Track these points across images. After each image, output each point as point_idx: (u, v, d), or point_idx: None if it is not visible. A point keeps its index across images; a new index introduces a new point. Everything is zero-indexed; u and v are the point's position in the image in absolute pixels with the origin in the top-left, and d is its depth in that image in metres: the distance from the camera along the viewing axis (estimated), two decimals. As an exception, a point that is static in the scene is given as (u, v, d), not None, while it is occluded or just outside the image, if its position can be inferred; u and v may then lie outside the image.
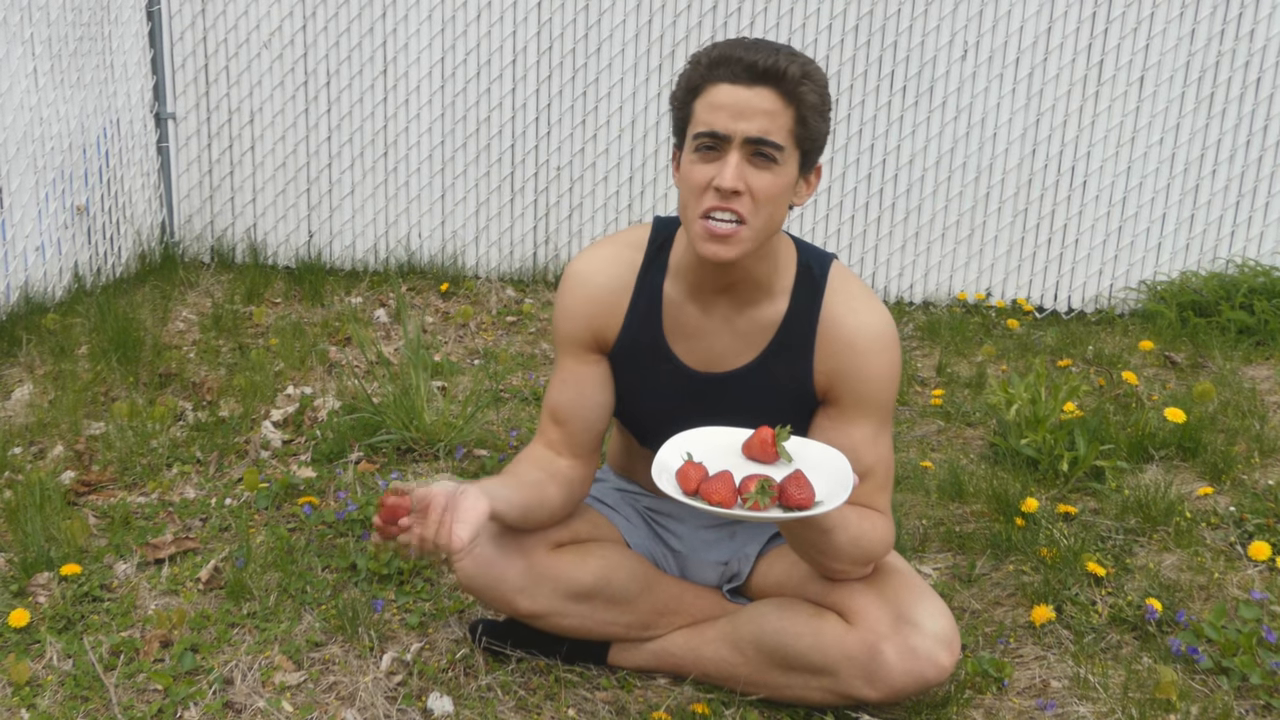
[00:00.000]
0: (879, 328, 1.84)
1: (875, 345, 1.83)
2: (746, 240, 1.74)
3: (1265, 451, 3.00)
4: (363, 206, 4.76)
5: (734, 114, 1.69)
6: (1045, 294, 4.66)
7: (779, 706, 1.94)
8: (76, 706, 1.91)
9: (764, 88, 1.69)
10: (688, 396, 1.91)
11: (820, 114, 1.74)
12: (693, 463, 1.65)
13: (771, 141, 1.69)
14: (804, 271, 1.86)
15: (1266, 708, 1.96)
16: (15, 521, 2.44)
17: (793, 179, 1.75)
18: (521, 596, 1.92)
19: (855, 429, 1.83)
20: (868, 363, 1.82)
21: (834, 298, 1.85)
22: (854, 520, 1.77)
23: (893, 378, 1.85)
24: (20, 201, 3.83)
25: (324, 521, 2.55)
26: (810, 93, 1.71)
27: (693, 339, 1.89)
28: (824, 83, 1.74)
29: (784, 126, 1.70)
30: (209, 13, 4.57)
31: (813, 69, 1.72)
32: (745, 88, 1.69)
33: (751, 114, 1.69)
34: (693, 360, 1.90)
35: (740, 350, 1.88)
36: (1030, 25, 4.41)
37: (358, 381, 3.20)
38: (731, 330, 1.87)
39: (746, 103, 1.69)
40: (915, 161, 4.58)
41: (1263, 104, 4.40)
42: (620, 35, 4.54)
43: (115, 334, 3.52)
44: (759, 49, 1.70)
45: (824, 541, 1.76)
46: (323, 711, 1.91)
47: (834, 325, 1.84)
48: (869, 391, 1.83)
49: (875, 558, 1.85)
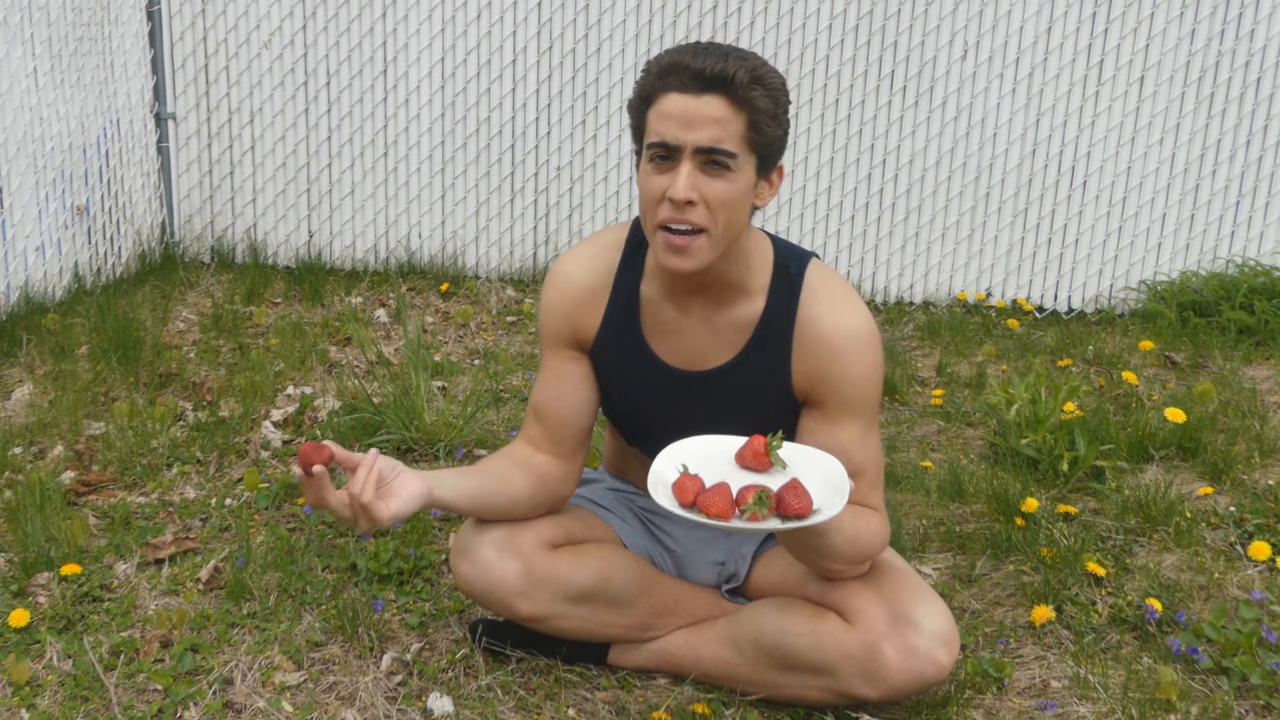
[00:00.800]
0: (856, 327, 1.83)
1: (853, 344, 1.82)
2: (705, 249, 1.74)
3: (1265, 451, 3.00)
4: (363, 206, 4.76)
5: (683, 124, 1.68)
6: (1045, 294, 4.66)
7: (779, 706, 1.94)
8: (76, 706, 1.91)
9: (713, 95, 1.68)
10: (669, 394, 1.92)
11: (773, 118, 1.72)
12: (688, 475, 1.64)
13: (723, 150, 1.68)
14: (780, 271, 1.86)
15: (1266, 708, 1.96)
16: (15, 521, 2.44)
17: (749, 183, 1.74)
18: (521, 600, 1.92)
19: (842, 430, 1.83)
20: (848, 363, 1.82)
21: (811, 297, 1.84)
22: (849, 521, 1.77)
23: (874, 376, 1.84)
24: (20, 201, 3.83)
25: (324, 521, 2.55)
26: (761, 98, 1.69)
27: (671, 337, 1.90)
28: (777, 85, 1.72)
29: (735, 133, 1.69)
30: (209, 13, 4.57)
31: (764, 71, 1.70)
32: (694, 96, 1.68)
33: (701, 123, 1.68)
34: (672, 358, 1.91)
35: (719, 349, 1.88)
36: (1030, 25, 4.41)
37: (358, 381, 3.20)
38: (709, 329, 1.88)
39: (696, 112, 1.68)
40: (915, 161, 4.58)
41: (1263, 104, 4.40)
42: (620, 35, 4.54)
43: (115, 334, 3.52)
44: (708, 54, 1.68)
45: (820, 544, 1.76)
46: (323, 711, 1.91)
47: (811, 325, 1.83)
48: (852, 393, 1.83)
49: (872, 555, 1.85)
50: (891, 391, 3.52)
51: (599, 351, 1.95)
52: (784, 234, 4.66)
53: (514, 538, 1.93)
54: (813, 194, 4.64)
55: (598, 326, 1.93)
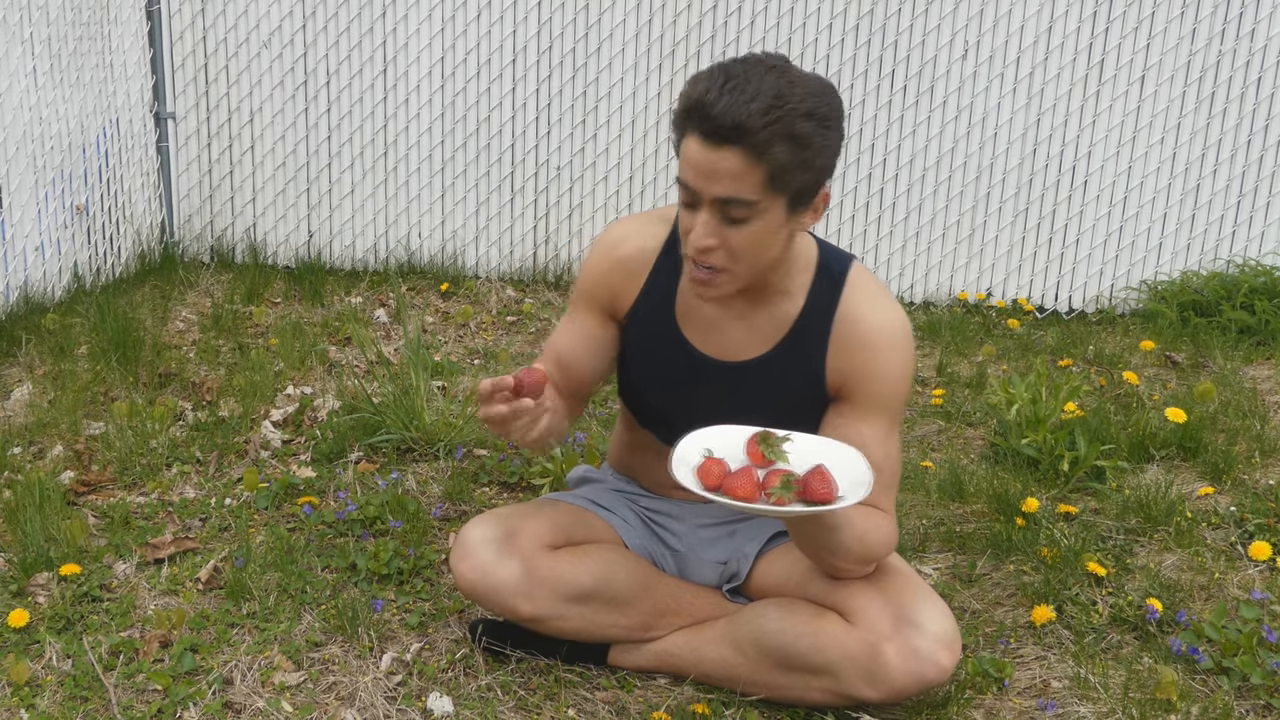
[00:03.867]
0: (895, 326, 1.83)
1: (890, 343, 1.83)
2: (728, 284, 1.75)
3: (1266, 451, 3.00)
4: (363, 206, 4.76)
5: (701, 174, 1.65)
6: (1046, 294, 4.66)
7: (779, 707, 1.94)
8: (76, 707, 1.90)
9: (730, 149, 1.61)
10: (696, 380, 1.91)
11: (801, 166, 1.64)
12: (713, 458, 1.65)
13: (741, 200, 1.65)
14: (824, 269, 1.86)
15: (1267, 708, 1.96)
16: (15, 521, 2.44)
17: (778, 222, 1.70)
18: (521, 600, 1.91)
19: (866, 426, 1.83)
20: (882, 360, 1.82)
21: (852, 295, 1.85)
22: (859, 519, 1.77)
23: (905, 377, 1.84)
24: (20, 201, 3.83)
25: (324, 521, 2.54)
26: (783, 151, 1.61)
27: (705, 327, 1.90)
28: (805, 132, 1.61)
29: (755, 183, 1.64)
30: (209, 12, 4.57)
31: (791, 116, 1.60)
32: (712, 149, 1.62)
33: (718, 176, 1.63)
34: (704, 346, 1.91)
35: (753, 342, 1.88)
36: (1031, 25, 4.41)
37: (358, 381, 3.19)
38: (746, 323, 1.88)
39: (713, 165, 1.63)
40: (916, 161, 4.57)
41: (1263, 104, 4.40)
42: (620, 35, 4.54)
43: (115, 334, 3.51)
44: (734, 92, 1.60)
45: (830, 539, 1.76)
46: (322, 711, 1.91)
47: (850, 322, 1.84)
48: (881, 390, 1.83)
49: (878, 557, 1.85)
50: (892, 391, 3.52)
51: (631, 324, 1.94)
52: (784, 234, 4.65)
53: (514, 538, 1.93)
54: (813, 194, 4.64)
55: (634, 300, 1.93)
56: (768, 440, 1.68)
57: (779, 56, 1.68)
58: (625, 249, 1.93)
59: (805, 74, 1.68)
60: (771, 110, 1.60)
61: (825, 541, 1.77)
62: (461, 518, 2.58)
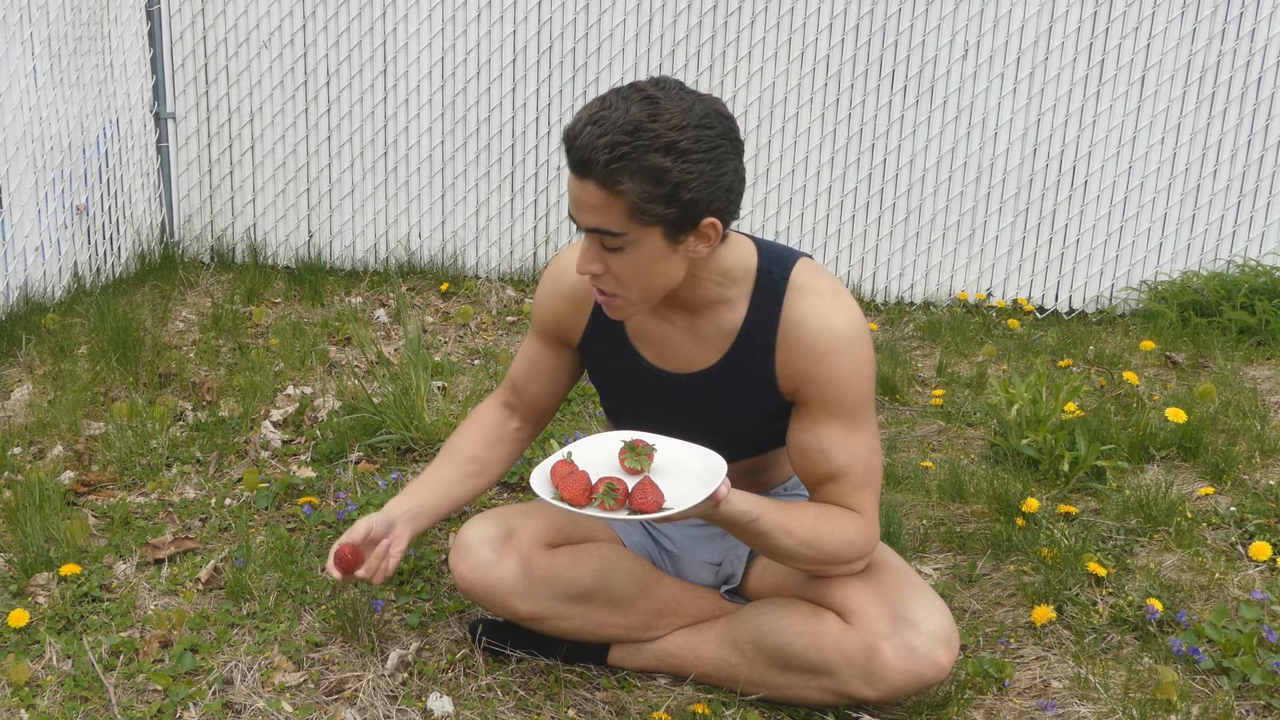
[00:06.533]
0: (841, 328, 1.80)
1: (837, 346, 1.80)
2: (627, 306, 1.78)
3: (1266, 451, 2.99)
4: (363, 206, 4.76)
5: (573, 203, 1.69)
6: (1046, 294, 4.66)
7: (779, 706, 1.94)
8: (76, 707, 1.90)
9: (588, 180, 1.64)
10: (659, 394, 1.93)
11: (662, 199, 1.62)
12: (566, 462, 1.70)
13: (608, 230, 1.67)
14: (763, 276, 1.84)
15: (1267, 708, 1.96)
16: (15, 521, 2.44)
17: (657, 250, 1.69)
18: (520, 600, 1.92)
19: (824, 430, 1.82)
20: (831, 364, 1.80)
21: (795, 299, 1.82)
22: (801, 524, 1.78)
23: (860, 377, 1.81)
24: (20, 201, 3.83)
25: (324, 521, 2.54)
26: (633, 187, 1.60)
27: (656, 343, 1.91)
28: (659, 167, 1.59)
29: (617, 216, 1.65)
30: (209, 12, 4.57)
31: (635, 155, 1.58)
32: (576, 181, 1.66)
33: (583, 208, 1.67)
34: (659, 361, 1.92)
35: (704, 352, 1.89)
36: (1031, 25, 4.41)
37: (358, 381, 3.19)
38: (693, 334, 1.88)
39: (577, 197, 1.67)
40: (916, 161, 4.57)
41: (1264, 104, 4.40)
42: (620, 35, 4.54)
43: (115, 334, 3.51)
44: (592, 129, 1.60)
45: (766, 544, 1.78)
46: (323, 711, 1.91)
47: (794, 328, 1.82)
48: (835, 393, 1.81)
49: (844, 559, 1.83)
50: (892, 391, 3.52)
51: (588, 348, 1.99)
52: (784, 234, 4.66)
53: (512, 538, 1.93)
54: (813, 194, 4.64)
55: (584, 327, 1.97)
56: (634, 449, 1.73)
57: (666, 83, 1.65)
58: (569, 279, 1.96)
59: (685, 104, 1.63)
60: (619, 146, 1.60)
61: (764, 546, 1.80)
62: (461, 517, 2.58)
